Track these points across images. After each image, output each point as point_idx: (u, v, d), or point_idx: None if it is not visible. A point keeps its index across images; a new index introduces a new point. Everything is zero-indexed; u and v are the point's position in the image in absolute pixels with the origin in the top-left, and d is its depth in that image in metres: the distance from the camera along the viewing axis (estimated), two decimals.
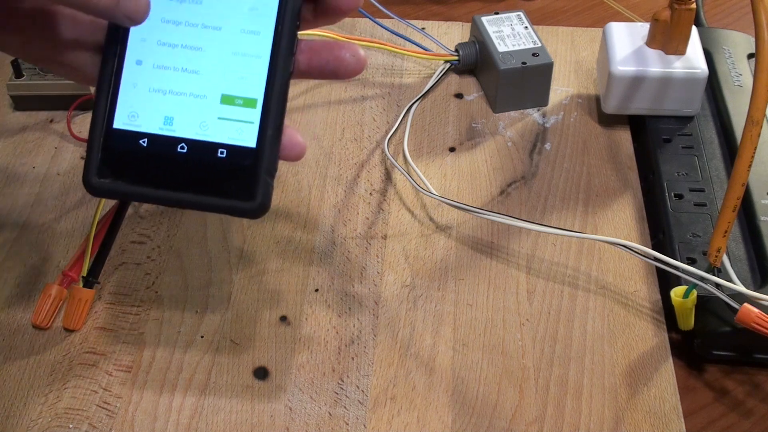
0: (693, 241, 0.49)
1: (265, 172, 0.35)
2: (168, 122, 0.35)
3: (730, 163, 0.53)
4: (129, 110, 0.36)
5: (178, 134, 0.35)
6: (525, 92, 0.60)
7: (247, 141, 0.35)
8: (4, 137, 0.58)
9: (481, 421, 0.43)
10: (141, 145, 0.35)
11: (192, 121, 0.35)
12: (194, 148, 0.35)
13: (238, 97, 0.35)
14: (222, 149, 0.35)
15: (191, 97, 0.36)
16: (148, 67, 0.36)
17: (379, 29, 0.65)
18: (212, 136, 0.35)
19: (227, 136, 0.35)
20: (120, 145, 0.35)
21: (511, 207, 0.54)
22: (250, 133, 0.35)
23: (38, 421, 0.43)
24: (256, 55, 0.36)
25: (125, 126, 0.36)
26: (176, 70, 0.36)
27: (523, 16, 0.62)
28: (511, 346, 0.46)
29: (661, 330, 0.47)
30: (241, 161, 0.35)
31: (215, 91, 0.36)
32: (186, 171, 0.35)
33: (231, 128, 0.35)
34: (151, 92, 0.36)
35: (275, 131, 0.35)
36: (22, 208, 0.53)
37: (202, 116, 0.35)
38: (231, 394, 0.44)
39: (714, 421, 0.44)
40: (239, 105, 0.35)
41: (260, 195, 0.35)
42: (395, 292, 0.49)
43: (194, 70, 0.36)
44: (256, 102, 0.35)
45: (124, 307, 0.48)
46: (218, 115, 0.35)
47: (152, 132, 0.35)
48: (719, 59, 0.60)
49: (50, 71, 0.40)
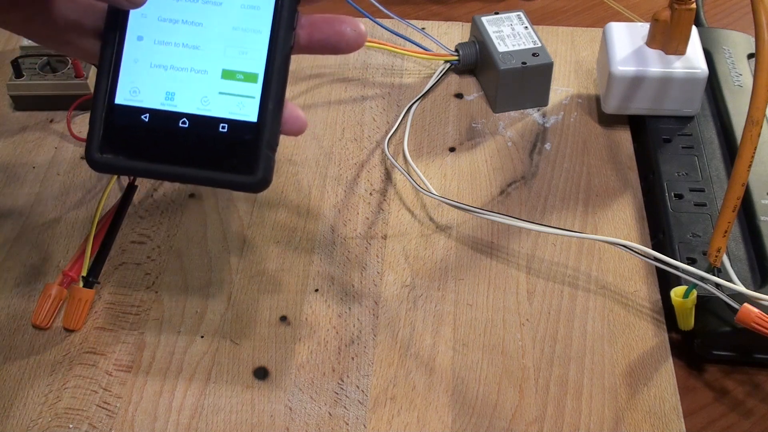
0: (693, 241, 0.49)
1: (266, 146, 0.35)
2: (169, 97, 0.36)
3: (730, 163, 0.53)
4: (130, 86, 0.36)
5: (179, 109, 0.36)
6: (525, 92, 0.60)
7: (248, 115, 0.35)
8: (4, 137, 0.58)
9: (481, 421, 0.43)
10: (143, 121, 0.36)
11: (193, 96, 0.36)
12: (195, 123, 0.35)
13: (239, 71, 0.36)
14: (223, 124, 0.35)
15: (192, 73, 0.36)
16: (149, 43, 0.36)
17: (379, 29, 0.65)
18: (213, 111, 0.36)
19: (228, 110, 0.35)
20: (122, 120, 0.36)
21: (511, 207, 0.54)
22: (251, 108, 0.35)
23: (38, 421, 0.43)
24: (257, 30, 0.36)
25: (127, 101, 0.36)
26: (177, 45, 0.36)
27: (523, 16, 0.62)
28: (511, 346, 0.46)
29: (661, 330, 0.47)
30: (242, 135, 0.35)
31: (216, 66, 0.36)
32: (188, 146, 0.35)
33: (232, 103, 0.36)
34: (153, 68, 0.36)
35: (276, 105, 0.36)
36: (22, 208, 0.53)
37: (203, 91, 0.36)
38: (231, 394, 0.44)
39: (714, 421, 0.44)
40: (240, 80, 0.36)
41: (261, 169, 0.35)
42: (395, 292, 0.49)
43: (195, 46, 0.36)
44: (257, 77, 0.36)
45: (124, 307, 0.48)
46: (219, 90, 0.36)
47: (154, 107, 0.36)
48: (719, 59, 0.60)
49: (55, 50, 0.40)
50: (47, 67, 0.59)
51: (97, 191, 0.54)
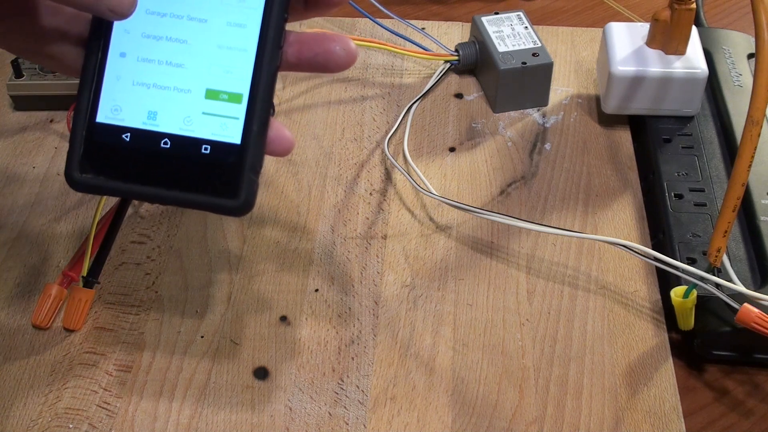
0: (693, 241, 0.49)
1: (249, 169, 0.34)
2: (152, 116, 0.35)
3: (730, 163, 0.53)
4: (112, 104, 0.35)
5: (161, 129, 0.35)
6: (525, 92, 0.60)
7: (231, 137, 0.34)
8: (4, 137, 0.58)
9: (481, 421, 0.43)
10: (123, 140, 0.35)
11: (176, 116, 0.35)
12: (178, 143, 0.35)
13: (223, 91, 0.35)
14: (206, 145, 0.34)
15: (175, 92, 0.35)
16: (132, 60, 0.35)
17: (379, 29, 0.65)
18: (196, 132, 0.35)
19: (211, 131, 0.34)
20: (102, 139, 0.35)
21: (511, 207, 0.54)
22: (234, 129, 0.34)
23: (38, 421, 0.43)
24: (242, 49, 0.35)
25: (108, 120, 0.35)
26: (160, 63, 0.35)
27: (523, 16, 0.62)
28: (511, 346, 0.46)
29: (661, 330, 0.47)
30: (225, 158, 0.34)
31: (200, 85, 0.35)
32: (169, 167, 0.34)
33: (215, 124, 0.35)
34: (135, 86, 0.35)
35: (261, 127, 0.35)
36: (22, 208, 0.53)
37: (186, 111, 0.35)
38: (231, 394, 0.44)
39: (714, 421, 0.44)
40: (224, 100, 0.35)
41: (244, 193, 0.34)
42: (395, 292, 0.49)
43: (179, 64, 0.35)
44: (241, 97, 0.35)
45: (124, 307, 0.48)
46: (203, 110, 0.35)
47: (135, 126, 0.35)
48: (719, 59, 0.60)
49: (35, 62, 0.39)
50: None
51: None
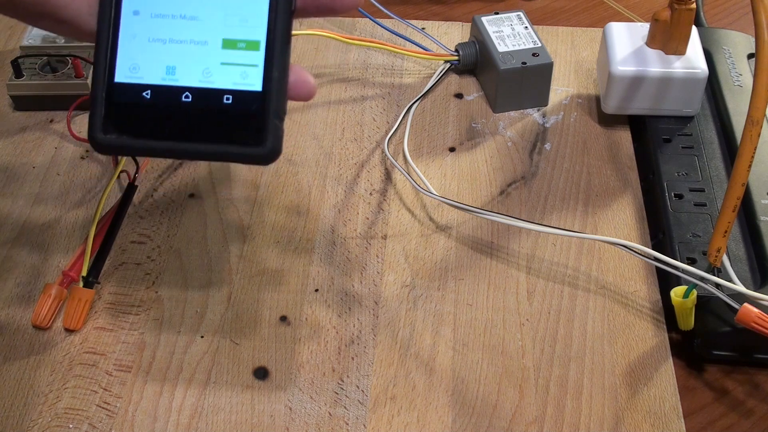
0: (693, 241, 0.49)
1: (274, 116, 0.34)
2: (170, 72, 0.35)
3: (730, 163, 0.53)
4: (130, 63, 0.35)
5: (181, 83, 0.35)
6: (525, 92, 0.60)
7: (252, 85, 0.34)
8: (4, 137, 0.58)
9: (481, 421, 0.43)
10: (144, 98, 0.35)
11: (194, 69, 0.35)
12: (199, 96, 0.35)
13: (240, 40, 0.35)
14: (227, 95, 0.34)
15: (192, 44, 0.35)
16: (145, 16, 0.35)
17: (379, 29, 0.65)
18: (216, 83, 0.35)
19: (232, 81, 0.34)
20: (123, 98, 0.35)
21: (511, 207, 0.54)
22: (255, 77, 0.34)
23: (38, 421, 0.43)
24: None
25: (127, 79, 0.35)
26: (174, 17, 0.35)
27: (523, 16, 0.62)
28: (511, 346, 0.46)
29: (661, 330, 0.47)
30: (247, 106, 0.34)
31: (216, 36, 0.35)
32: (192, 120, 0.35)
33: (235, 73, 0.34)
34: (151, 42, 0.35)
35: (281, 72, 0.34)
36: (22, 208, 0.53)
37: (205, 63, 0.35)
38: (231, 394, 0.44)
39: (714, 421, 0.44)
40: (242, 48, 0.35)
41: (270, 139, 0.34)
42: (395, 292, 0.49)
43: (193, 16, 0.35)
44: (259, 44, 0.34)
45: (124, 307, 0.48)
46: (221, 61, 0.35)
47: (155, 83, 0.35)
48: (719, 59, 0.60)
49: (46, 29, 0.39)
50: (47, 67, 0.59)
51: (97, 191, 0.54)
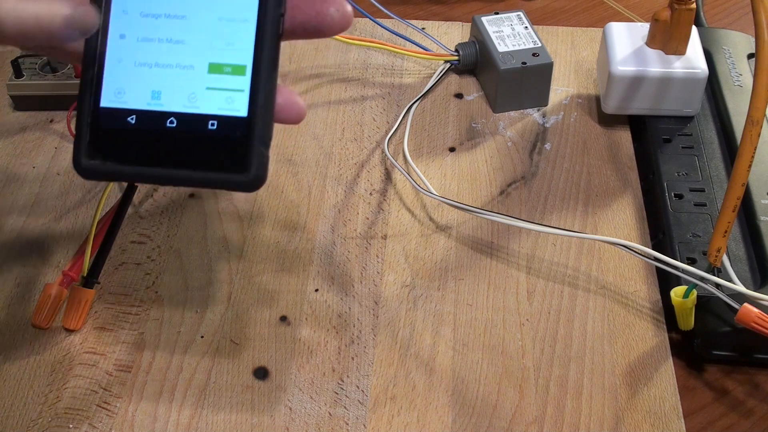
0: (693, 241, 0.49)
1: (258, 142, 0.34)
2: (156, 96, 0.34)
3: (730, 163, 0.53)
4: (115, 87, 0.34)
5: (166, 108, 0.34)
6: (525, 92, 0.60)
7: (238, 110, 0.34)
8: (4, 137, 0.58)
9: (481, 421, 0.43)
10: (129, 123, 0.34)
11: (180, 94, 0.34)
12: (184, 121, 0.34)
13: (226, 64, 0.34)
14: (212, 121, 0.34)
15: (178, 69, 0.34)
16: (132, 41, 0.34)
17: (379, 29, 0.65)
18: (202, 108, 0.34)
19: (217, 106, 0.34)
20: (108, 123, 0.34)
21: (511, 207, 0.54)
22: (240, 102, 0.34)
23: (38, 421, 0.43)
24: (243, 19, 0.34)
25: (112, 104, 0.34)
26: (161, 41, 0.34)
27: (523, 16, 0.62)
28: (511, 346, 0.46)
29: (661, 330, 0.47)
30: (232, 132, 0.34)
31: (202, 60, 0.34)
32: (177, 146, 0.34)
33: (221, 98, 0.34)
34: (137, 66, 0.34)
35: (267, 98, 0.34)
36: (22, 208, 0.53)
37: (190, 88, 0.34)
38: (231, 394, 0.44)
39: (714, 421, 0.44)
40: (228, 73, 0.34)
41: (255, 166, 0.34)
42: (395, 292, 0.49)
43: (179, 40, 0.34)
44: (245, 68, 0.34)
45: (124, 307, 0.48)
46: (207, 85, 0.34)
47: (140, 108, 0.34)
48: (719, 59, 0.60)
49: (34, 51, 0.39)
50: (47, 67, 0.59)
51: (97, 191, 0.54)
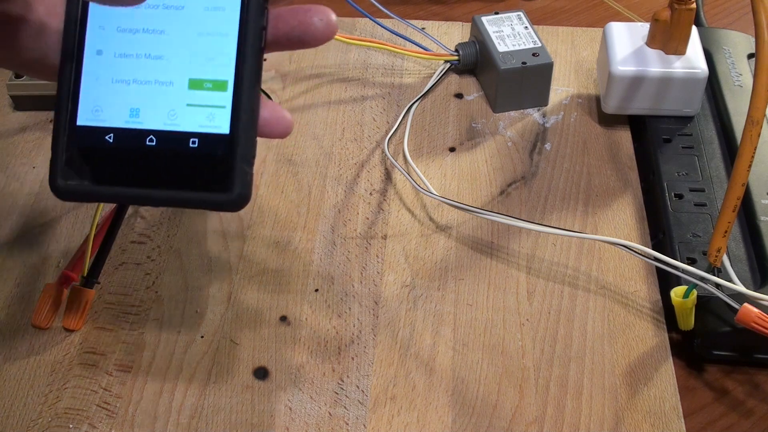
0: (693, 241, 0.49)
1: (241, 160, 0.33)
2: (134, 114, 0.33)
3: (730, 163, 0.53)
4: (92, 105, 0.33)
5: (145, 126, 0.33)
6: (525, 92, 0.60)
7: (219, 127, 0.33)
8: (4, 137, 0.58)
9: (481, 421, 0.43)
10: (107, 141, 0.33)
11: (159, 111, 0.33)
12: (163, 139, 0.33)
13: (207, 80, 0.33)
14: (193, 138, 0.33)
15: (157, 85, 0.33)
16: (109, 57, 0.33)
17: (379, 29, 0.65)
18: (182, 125, 0.33)
19: (198, 123, 0.33)
20: (85, 142, 0.33)
21: (511, 207, 0.54)
22: (222, 119, 0.33)
23: (38, 421, 0.43)
24: (223, 33, 0.33)
25: (89, 122, 0.33)
26: (139, 57, 0.33)
27: (523, 16, 0.62)
28: (511, 346, 0.46)
29: (661, 330, 0.47)
30: (214, 150, 0.33)
31: (182, 76, 0.33)
32: (157, 165, 0.33)
33: (201, 115, 0.33)
34: (114, 83, 0.33)
35: (250, 114, 0.33)
36: (22, 208, 0.53)
37: (170, 104, 0.33)
38: (231, 394, 0.44)
39: (714, 421, 0.44)
40: (209, 89, 0.33)
41: (238, 185, 0.33)
42: (395, 292, 0.49)
43: (158, 56, 0.33)
44: (226, 84, 0.33)
45: (124, 307, 0.48)
46: (187, 102, 0.33)
47: (118, 126, 0.33)
48: (719, 59, 0.60)
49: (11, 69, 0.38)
50: None
51: None
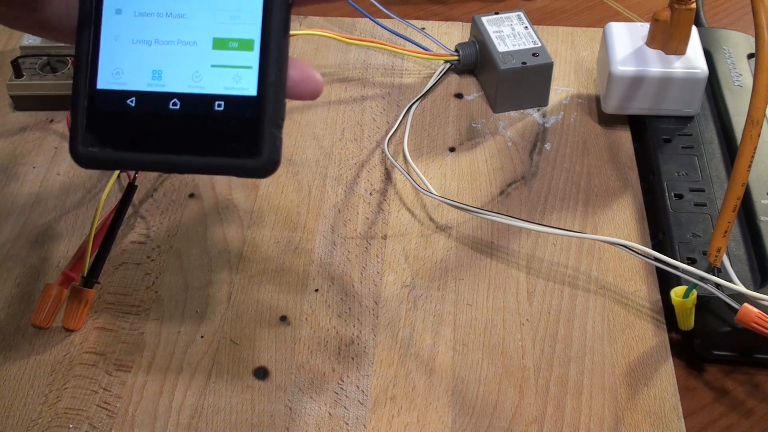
0: (693, 241, 0.49)
1: (270, 123, 0.31)
2: (156, 76, 0.32)
3: (730, 163, 0.53)
4: (112, 67, 0.32)
5: (168, 89, 0.32)
6: (525, 92, 0.60)
7: (246, 89, 0.31)
8: (4, 137, 0.58)
9: (481, 421, 0.43)
10: (129, 105, 0.32)
11: (183, 73, 0.32)
12: (188, 103, 0.32)
13: (233, 39, 0.32)
14: (219, 101, 0.31)
15: (179, 45, 0.32)
16: (128, 16, 0.32)
17: (379, 29, 0.65)
18: (207, 88, 0.32)
19: (223, 85, 0.31)
20: (106, 107, 0.32)
21: (511, 207, 0.54)
22: (249, 80, 0.31)
23: (38, 421, 0.43)
24: None
25: (110, 85, 0.32)
26: (160, 15, 0.32)
27: (523, 16, 0.62)
28: (511, 346, 0.46)
29: (661, 330, 0.47)
30: (241, 113, 0.31)
31: (206, 35, 0.32)
32: (181, 130, 0.31)
33: (227, 76, 0.31)
34: (135, 44, 0.32)
35: (278, 74, 0.31)
36: (22, 208, 0.53)
37: (194, 66, 0.32)
38: (231, 394, 0.44)
39: (714, 421, 0.44)
40: (234, 48, 0.32)
41: (267, 150, 0.31)
42: (395, 292, 0.49)
43: (180, 14, 0.32)
44: (253, 43, 0.31)
45: (124, 307, 0.48)
46: (211, 63, 0.32)
47: (140, 89, 0.32)
48: (719, 59, 0.60)
49: (29, 32, 0.37)
50: (47, 67, 0.59)
51: (97, 191, 0.54)
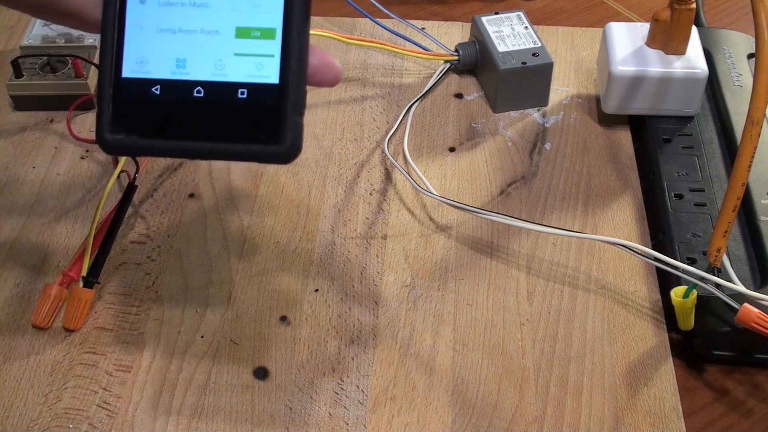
0: (693, 241, 0.49)
1: (292, 110, 0.32)
2: (180, 65, 0.33)
3: (730, 163, 0.53)
4: (137, 56, 0.33)
5: (192, 77, 0.33)
6: (525, 92, 0.60)
7: (268, 77, 0.32)
8: (4, 137, 0.58)
9: (481, 421, 0.43)
10: (153, 93, 0.33)
11: (206, 61, 0.33)
12: (211, 90, 0.32)
13: (255, 28, 0.32)
14: (242, 89, 0.32)
15: (203, 34, 0.33)
16: (153, 5, 0.33)
17: (379, 29, 0.65)
18: (230, 76, 0.32)
19: (246, 73, 0.32)
20: (131, 95, 0.33)
21: (511, 207, 0.54)
22: (271, 68, 0.32)
23: (38, 421, 0.43)
24: None
25: (135, 74, 0.33)
26: (184, 4, 0.33)
27: (523, 16, 0.62)
28: (511, 346, 0.46)
29: (661, 330, 0.47)
30: (264, 100, 0.32)
31: (228, 24, 0.33)
32: (205, 118, 0.32)
33: (250, 64, 0.32)
34: (159, 33, 0.33)
35: (300, 62, 0.32)
36: (22, 208, 0.53)
37: (217, 54, 0.33)
38: (231, 394, 0.44)
39: (714, 421, 0.44)
40: (256, 37, 0.32)
41: (289, 136, 0.32)
42: (395, 292, 0.49)
43: (203, 3, 0.33)
44: (274, 32, 0.32)
45: (124, 307, 0.48)
46: (234, 51, 0.32)
47: (164, 77, 0.33)
48: (719, 59, 0.60)
49: (51, 21, 0.37)
50: (47, 67, 0.59)
51: (97, 191, 0.54)
